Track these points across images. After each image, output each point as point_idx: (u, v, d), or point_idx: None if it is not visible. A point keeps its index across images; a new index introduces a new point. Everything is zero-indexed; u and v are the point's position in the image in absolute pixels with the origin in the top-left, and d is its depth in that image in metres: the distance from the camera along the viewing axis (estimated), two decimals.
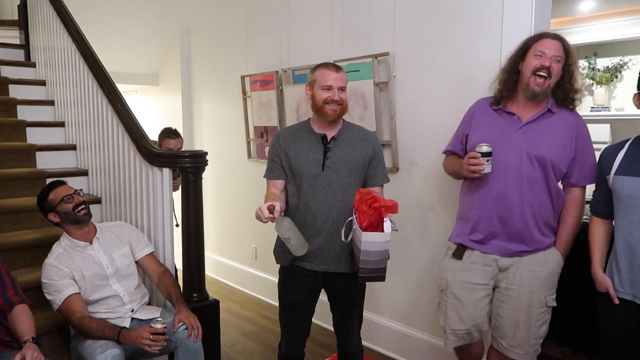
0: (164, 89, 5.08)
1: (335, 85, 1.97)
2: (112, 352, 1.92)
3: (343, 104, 2.00)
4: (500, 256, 2.00)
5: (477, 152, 1.88)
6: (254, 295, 4.13)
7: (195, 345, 2.14)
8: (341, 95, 1.99)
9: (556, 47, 1.91)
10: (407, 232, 2.87)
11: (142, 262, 2.35)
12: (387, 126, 2.90)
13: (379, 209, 1.79)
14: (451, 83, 2.61)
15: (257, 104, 3.82)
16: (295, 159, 2.05)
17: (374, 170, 2.07)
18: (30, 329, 1.88)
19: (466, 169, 1.93)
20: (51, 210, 2.18)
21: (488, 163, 1.88)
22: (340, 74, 2.00)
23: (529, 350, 1.99)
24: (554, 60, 1.90)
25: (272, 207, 1.84)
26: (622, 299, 1.78)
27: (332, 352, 2.93)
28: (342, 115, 2.05)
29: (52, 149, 3.33)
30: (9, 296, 1.94)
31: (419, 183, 2.81)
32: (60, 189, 2.20)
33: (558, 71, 1.92)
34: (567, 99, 1.97)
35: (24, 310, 1.94)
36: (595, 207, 1.93)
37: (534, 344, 1.99)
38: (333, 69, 2.00)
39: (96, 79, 2.95)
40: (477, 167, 1.88)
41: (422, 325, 2.86)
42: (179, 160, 2.47)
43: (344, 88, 2.01)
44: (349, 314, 2.14)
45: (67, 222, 2.19)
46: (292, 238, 1.92)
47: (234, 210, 4.36)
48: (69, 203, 2.16)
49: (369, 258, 1.80)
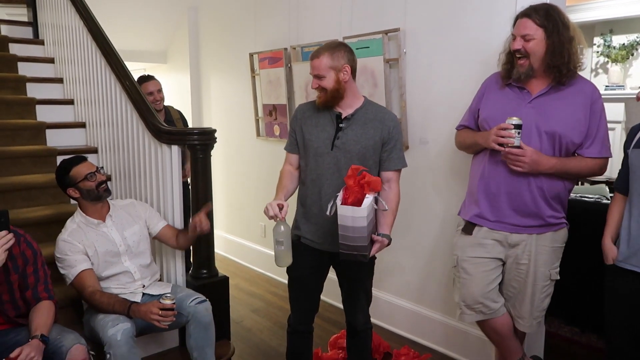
0: (172, 67, 5.06)
1: (311, 73, 1.96)
2: (124, 326, 1.95)
3: (326, 89, 1.95)
4: (509, 233, 1.99)
5: (509, 124, 1.85)
6: (263, 272, 4.17)
7: (207, 320, 2.18)
8: (320, 82, 1.95)
9: (524, 26, 1.87)
10: (417, 211, 2.86)
11: (160, 234, 2.38)
12: (397, 104, 2.87)
13: (364, 185, 1.76)
14: (463, 60, 2.56)
15: (265, 81, 3.79)
16: (308, 135, 2.04)
17: (387, 153, 2.01)
18: (44, 325, 1.84)
19: (494, 139, 1.89)
20: (72, 186, 2.18)
21: (518, 136, 1.85)
22: (314, 62, 1.95)
23: (532, 322, 2.02)
24: (525, 40, 1.87)
25: (282, 206, 1.88)
26: (626, 269, 1.78)
27: (340, 329, 2.96)
28: (334, 101, 1.99)
29: (62, 126, 3.33)
30: (38, 291, 1.93)
31: (429, 162, 2.79)
32: (83, 166, 2.19)
33: (536, 48, 1.87)
34: (563, 74, 1.88)
35: (46, 306, 1.92)
36: (617, 183, 1.91)
37: (537, 316, 2.03)
38: (311, 56, 1.98)
39: (104, 57, 2.94)
40: (506, 140, 1.85)
41: (433, 303, 2.87)
42: (187, 137, 2.47)
43: (321, 75, 1.94)
44: (356, 291, 2.15)
45: (87, 198, 2.20)
46: (284, 244, 1.90)
47: (242, 188, 4.37)
48: (92, 181, 2.17)
49: (346, 233, 1.75)
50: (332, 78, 1.95)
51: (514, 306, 2.06)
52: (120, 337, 1.92)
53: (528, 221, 1.96)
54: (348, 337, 2.27)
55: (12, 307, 1.91)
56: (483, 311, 2.04)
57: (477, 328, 2.24)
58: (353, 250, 1.79)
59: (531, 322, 2.02)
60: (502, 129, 1.86)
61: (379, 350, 2.75)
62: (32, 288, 1.92)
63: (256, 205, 4.19)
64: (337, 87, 1.96)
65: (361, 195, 1.75)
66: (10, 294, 1.90)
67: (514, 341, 2.10)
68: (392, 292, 3.09)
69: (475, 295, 2.03)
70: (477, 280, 2.03)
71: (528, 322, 2.02)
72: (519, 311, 2.04)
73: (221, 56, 4.44)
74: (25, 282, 1.90)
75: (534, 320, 2.02)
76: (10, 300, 1.90)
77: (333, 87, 1.96)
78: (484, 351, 2.58)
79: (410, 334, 2.99)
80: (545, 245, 1.97)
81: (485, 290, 2.02)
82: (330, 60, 1.93)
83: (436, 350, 2.83)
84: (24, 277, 1.90)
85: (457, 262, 2.10)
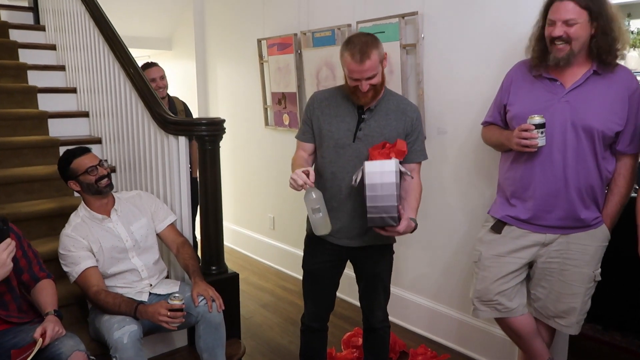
0: (178, 53, 4.93)
1: (362, 77, 1.78)
2: (130, 329, 1.86)
3: (376, 86, 1.82)
4: (543, 234, 1.89)
5: (530, 124, 1.73)
6: (272, 265, 4.07)
7: (217, 320, 2.08)
8: (371, 82, 1.80)
9: (565, 9, 1.71)
10: (434, 204, 2.74)
11: (162, 234, 2.28)
12: (414, 92, 2.74)
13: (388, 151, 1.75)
14: (486, 45, 2.42)
15: (274, 69, 3.66)
16: (327, 126, 1.92)
17: (410, 145, 1.90)
18: (52, 301, 1.85)
19: (517, 142, 1.78)
20: (73, 179, 2.10)
21: (542, 135, 1.74)
22: (366, 65, 1.75)
23: (573, 323, 1.93)
24: (567, 26, 1.71)
25: (308, 172, 1.75)
26: None
27: (353, 326, 2.87)
28: (378, 95, 1.87)
29: (65, 116, 3.23)
30: (34, 272, 1.91)
31: (448, 153, 2.66)
32: (85, 158, 2.10)
33: (581, 33, 1.72)
34: (607, 60, 1.76)
35: (48, 283, 1.92)
36: None
37: (580, 319, 1.93)
38: (358, 59, 1.75)
39: (107, 43, 2.83)
40: (530, 142, 1.74)
41: (451, 300, 2.76)
42: (195, 128, 2.35)
43: (373, 75, 1.79)
44: (374, 287, 2.07)
45: (88, 192, 2.12)
46: (321, 210, 1.80)
47: (251, 179, 4.26)
48: (92, 175, 2.08)
49: (374, 193, 1.70)
50: (380, 72, 1.82)
51: (546, 307, 1.96)
52: (127, 340, 1.82)
53: (563, 222, 1.85)
54: (365, 335, 2.19)
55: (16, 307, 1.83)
56: (497, 308, 1.97)
57: (499, 327, 2.14)
58: (382, 212, 1.71)
59: (571, 323, 1.92)
60: (523, 130, 1.75)
61: (394, 349, 2.65)
62: (28, 270, 1.89)
63: (265, 197, 4.09)
64: (384, 79, 1.86)
65: (387, 158, 1.74)
66: (11, 293, 1.82)
67: (537, 343, 2.01)
68: (408, 288, 2.98)
69: (490, 290, 1.96)
70: (495, 277, 1.95)
71: (568, 322, 1.92)
72: (556, 312, 1.94)
73: (228, 42, 4.30)
74: (18, 267, 1.84)
75: (575, 323, 1.92)
76: (12, 299, 1.82)
77: (381, 80, 1.84)
78: (506, 351, 2.48)
79: (427, 332, 2.89)
80: (585, 244, 1.86)
81: (502, 288, 1.94)
82: (379, 55, 1.79)
83: (455, 350, 2.72)
84: (16, 263, 1.81)
85: (479, 258, 2.02)
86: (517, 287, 1.96)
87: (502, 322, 2.04)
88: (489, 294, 1.97)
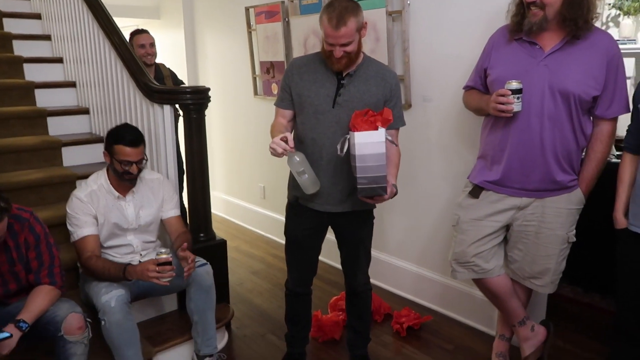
0: (166, 23, 4.86)
1: (337, 43, 1.77)
2: (117, 293, 1.91)
3: (350, 54, 1.82)
4: (519, 197, 1.93)
5: (507, 89, 1.75)
6: (263, 234, 4.13)
7: (208, 283, 2.15)
8: (345, 49, 1.79)
9: None
10: (418, 170, 2.78)
11: (167, 221, 2.29)
12: (400, 59, 2.73)
13: (374, 120, 1.72)
14: (472, 12, 2.41)
15: (262, 37, 3.63)
16: (306, 92, 1.92)
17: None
18: (31, 311, 1.72)
19: (493, 107, 1.81)
20: (109, 154, 2.10)
21: (518, 101, 1.76)
22: (341, 32, 1.74)
23: (548, 283, 2.00)
24: None
25: (286, 139, 1.75)
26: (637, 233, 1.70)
27: (340, 290, 2.94)
28: (353, 63, 1.87)
29: (52, 86, 3.22)
30: (40, 277, 1.84)
31: (432, 120, 2.68)
32: (127, 149, 2.05)
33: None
34: (579, 27, 1.76)
35: (44, 290, 1.81)
36: (627, 141, 1.80)
37: (555, 279, 2.00)
38: (334, 24, 1.73)
39: (91, 11, 2.80)
40: (506, 107, 1.76)
41: (434, 264, 2.83)
42: (180, 96, 2.37)
43: (348, 43, 1.78)
44: (356, 252, 2.11)
45: (112, 172, 2.13)
46: (306, 171, 1.82)
47: (241, 149, 4.28)
48: (124, 166, 2.06)
49: (364, 164, 1.70)
50: (356, 41, 1.81)
51: (522, 268, 2.03)
52: (115, 304, 1.88)
53: (540, 185, 1.89)
54: (348, 298, 2.25)
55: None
56: (474, 270, 2.04)
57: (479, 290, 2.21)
58: (372, 182, 1.72)
59: (546, 283, 2.00)
60: (500, 94, 1.77)
61: (379, 312, 2.73)
62: (35, 272, 1.84)
63: (255, 167, 4.12)
64: (360, 47, 1.85)
65: (374, 128, 1.71)
66: (17, 284, 1.85)
67: (514, 303, 2.08)
68: (393, 253, 3.05)
69: (467, 253, 2.03)
70: (472, 240, 2.01)
71: (543, 282, 2.00)
72: (531, 272, 2.01)
73: (217, 10, 4.24)
74: (28, 267, 1.84)
75: (550, 283, 2.00)
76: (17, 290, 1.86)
77: (356, 49, 1.83)
78: (486, 313, 2.56)
79: (411, 295, 2.97)
80: (560, 207, 1.91)
81: (478, 250, 2.01)
82: (356, 23, 1.78)
83: (437, 312, 2.81)
84: (27, 263, 1.83)
85: (457, 222, 2.07)
86: (493, 249, 2.02)
87: (479, 283, 2.10)
88: (466, 256, 2.03)
